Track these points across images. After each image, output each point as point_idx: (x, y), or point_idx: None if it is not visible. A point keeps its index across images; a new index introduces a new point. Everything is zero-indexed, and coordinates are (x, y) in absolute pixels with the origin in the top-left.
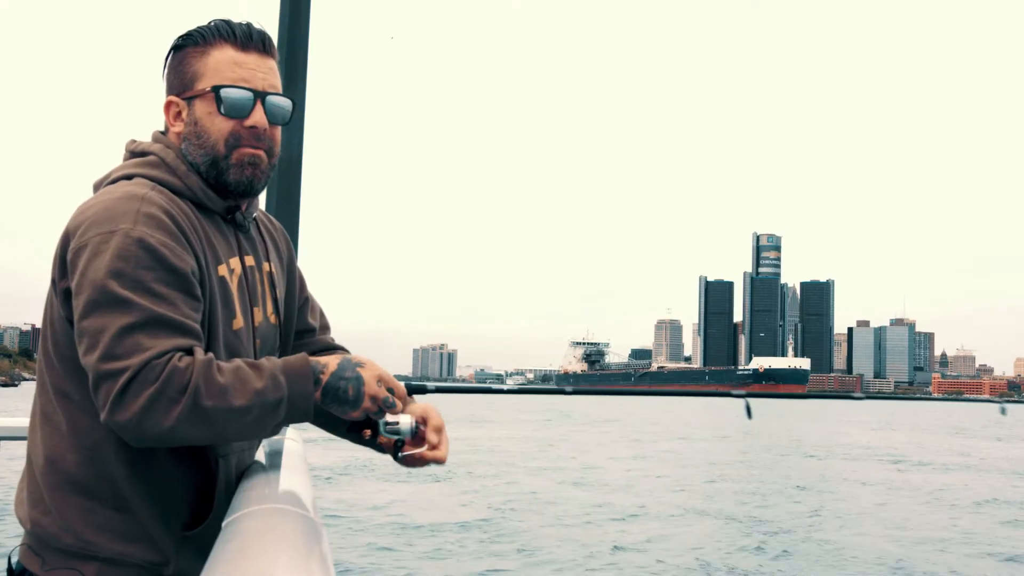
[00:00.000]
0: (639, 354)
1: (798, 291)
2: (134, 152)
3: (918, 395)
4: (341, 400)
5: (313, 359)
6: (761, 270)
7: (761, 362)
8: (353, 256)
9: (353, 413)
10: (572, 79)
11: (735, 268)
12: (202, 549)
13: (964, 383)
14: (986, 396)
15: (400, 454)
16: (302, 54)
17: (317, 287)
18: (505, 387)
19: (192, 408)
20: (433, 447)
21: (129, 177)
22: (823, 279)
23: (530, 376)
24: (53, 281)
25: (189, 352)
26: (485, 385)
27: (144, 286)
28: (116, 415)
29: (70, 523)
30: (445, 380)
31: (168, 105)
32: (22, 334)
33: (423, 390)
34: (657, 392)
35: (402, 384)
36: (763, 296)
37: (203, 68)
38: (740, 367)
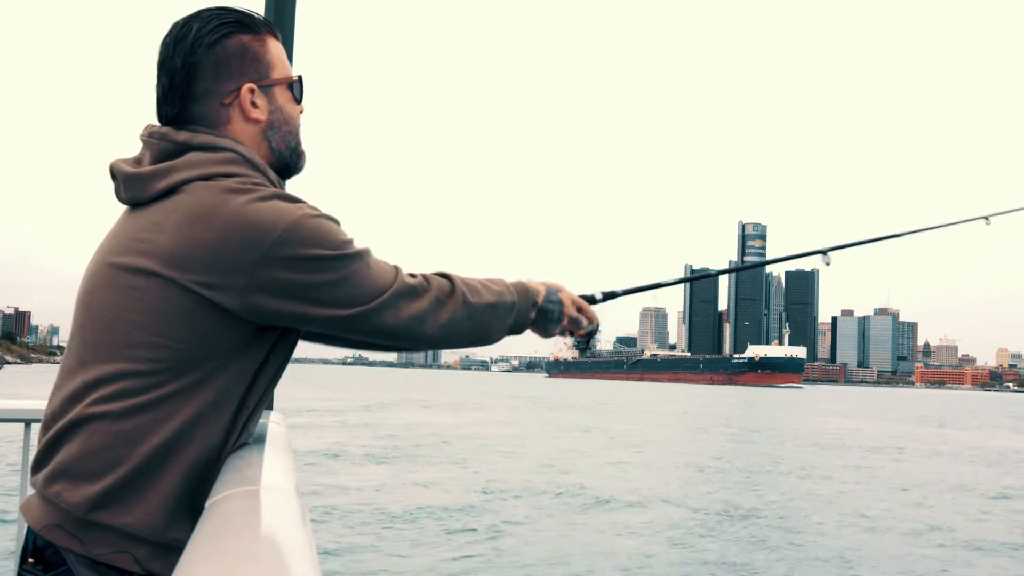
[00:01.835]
0: (625, 341)
1: (783, 280)
2: (190, 145)
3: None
4: (549, 320)
5: (527, 282)
6: (746, 259)
7: (756, 350)
8: None
9: (555, 331)
10: (561, 70)
11: (720, 257)
12: None
13: (946, 373)
14: (968, 385)
15: (591, 344)
16: (288, 23)
17: None
18: (669, 280)
19: (463, 304)
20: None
21: (226, 175)
22: (808, 268)
23: (515, 363)
24: (178, 281)
25: (442, 273)
26: (649, 284)
27: (348, 243)
28: (414, 310)
29: (134, 509)
30: (430, 366)
31: (250, 91)
32: (4, 317)
33: (593, 300)
34: None
35: (585, 303)
36: (748, 285)
37: (271, 57)
38: (736, 355)
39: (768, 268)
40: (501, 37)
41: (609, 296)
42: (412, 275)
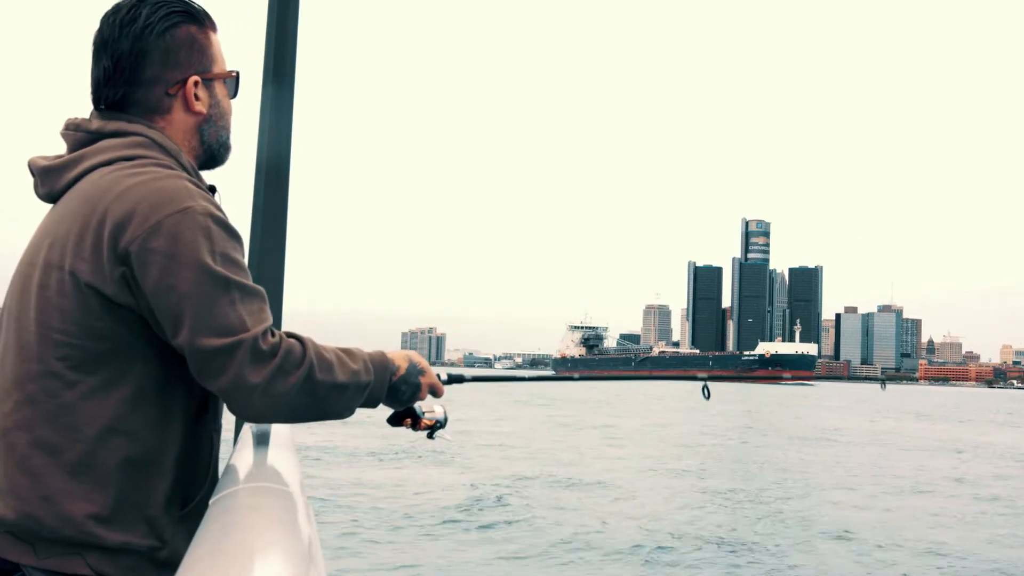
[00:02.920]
0: (629, 338)
1: (786, 277)
2: (102, 133)
3: None
4: (398, 400)
5: (389, 355)
6: (750, 256)
7: (767, 347)
8: (343, 239)
9: (398, 409)
10: (564, 66)
11: (724, 254)
12: (193, 523)
13: (950, 369)
14: (972, 382)
15: (434, 436)
16: (291, 39)
17: (306, 270)
18: (527, 376)
19: (306, 379)
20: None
21: (128, 159)
22: (811, 265)
23: (518, 360)
24: (72, 271)
25: (292, 334)
26: (512, 374)
27: (231, 259)
28: (245, 383)
29: (71, 512)
30: (433, 363)
31: (195, 83)
32: None
33: (461, 379)
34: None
35: (441, 384)
36: (751, 282)
37: (215, 51)
38: (746, 352)
39: (771, 264)
40: (502, 31)
41: (455, 380)
42: (272, 333)
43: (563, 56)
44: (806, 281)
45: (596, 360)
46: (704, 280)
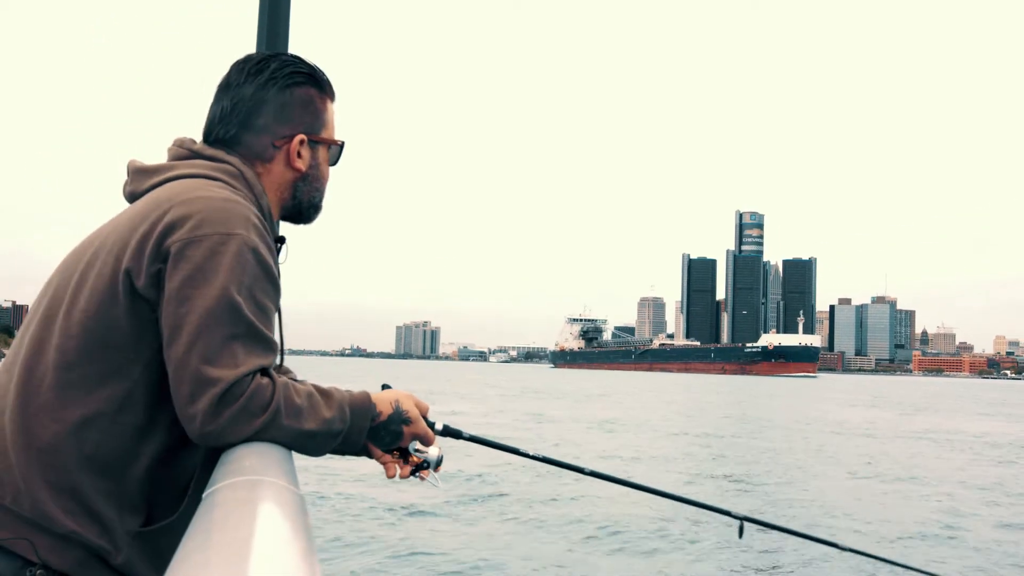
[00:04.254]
0: (624, 331)
1: (780, 269)
2: (201, 154)
3: None
4: (379, 444)
5: (374, 398)
6: (744, 248)
7: (770, 339)
8: (337, 232)
9: (381, 450)
10: (558, 59)
11: (718, 246)
12: (157, 544)
13: (944, 360)
14: (966, 373)
15: (418, 476)
16: (283, 32)
17: (301, 262)
18: (531, 452)
19: (270, 424)
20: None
21: (212, 178)
22: (805, 257)
23: (513, 353)
24: (117, 255)
25: (267, 372)
26: (511, 446)
27: (253, 296)
28: (205, 424)
29: (29, 488)
30: (428, 357)
31: (300, 141)
32: (1, 310)
33: (459, 435)
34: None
35: (432, 433)
36: (745, 274)
37: (327, 117)
38: (748, 344)
39: (765, 256)
40: (499, 25)
41: (451, 433)
42: (251, 375)
43: (559, 50)
44: (800, 273)
45: (595, 353)
46: (698, 272)
